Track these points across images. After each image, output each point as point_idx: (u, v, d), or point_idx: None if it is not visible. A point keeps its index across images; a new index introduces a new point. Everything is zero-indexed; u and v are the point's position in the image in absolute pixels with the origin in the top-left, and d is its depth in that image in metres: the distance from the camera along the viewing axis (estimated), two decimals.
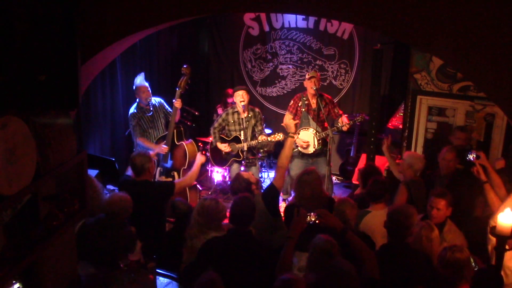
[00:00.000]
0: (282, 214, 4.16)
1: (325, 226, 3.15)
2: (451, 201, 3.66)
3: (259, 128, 5.80)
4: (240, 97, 5.60)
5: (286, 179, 6.14)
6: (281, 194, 6.28)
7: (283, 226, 4.06)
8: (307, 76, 5.68)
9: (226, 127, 5.89)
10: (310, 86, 5.57)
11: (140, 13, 3.31)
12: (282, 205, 6.25)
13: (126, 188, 4.05)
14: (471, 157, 4.24)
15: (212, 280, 2.72)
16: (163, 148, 5.49)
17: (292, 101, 5.87)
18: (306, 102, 5.72)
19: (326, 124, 5.65)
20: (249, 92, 5.83)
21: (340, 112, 5.76)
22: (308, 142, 5.67)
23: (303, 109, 5.73)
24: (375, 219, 3.77)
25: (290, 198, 6.32)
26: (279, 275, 2.74)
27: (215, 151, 6.00)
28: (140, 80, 5.63)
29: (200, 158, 4.84)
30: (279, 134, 5.46)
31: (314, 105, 5.68)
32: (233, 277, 3.13)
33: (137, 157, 4.20)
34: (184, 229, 3.77)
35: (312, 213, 3.10)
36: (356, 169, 6.10)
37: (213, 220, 3.58)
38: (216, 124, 5.90)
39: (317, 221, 3.06)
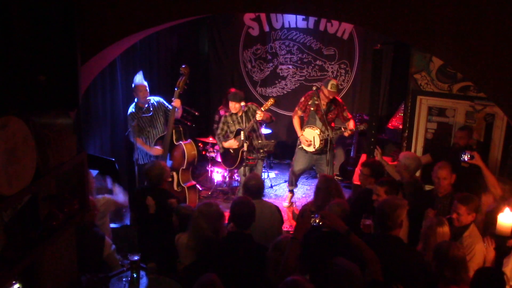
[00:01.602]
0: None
1: (329, 228, 3.16)
2: (475, 207, 3.57)
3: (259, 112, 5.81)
4: (232, 106, 5.65)
5: (290, 172, 6.18)
6: (287, 185, 6.33)
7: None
8: (329, 87, 5.53)
9: (228, 130, 5.92)
10: (327, 95, 5.55)
11: (140, 13, 3.31)
12: (288, 196, 6.29)
13: (140, 195, 4.15)
14: (465, 157, 4.25)
15: (212, 281, 2.72)
16: (158, 150, 5.51)
17: (303, 98, 5.92)
18: (317, 102, 5.73)
19: (333, 124, 5.68)
20: (241, 100, 5.77)
21: (349, 116, 5.78)
22: (311, 140, 5.70)
23: (312, 108, 5.76)
24: None
25: (295, 189, 6.36)
26: (283, 276, 2.73)
27: (225, 154, 6.02)
28: (139, 79, 5.64)
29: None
30: (270, 100, 5.54)
31: (323, 106, 5.70)
32: (233, 279, 3.13)
33: (152, 168, 4.27)
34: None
35: (316, 215, 3.10)
36: (357, 169, 6.10)
37: (213, 223, 3.59)
38: (219, 131, 5.94)
39: (321, 223, 3.07)
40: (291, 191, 6.33)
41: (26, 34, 2.27)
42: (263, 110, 5.56)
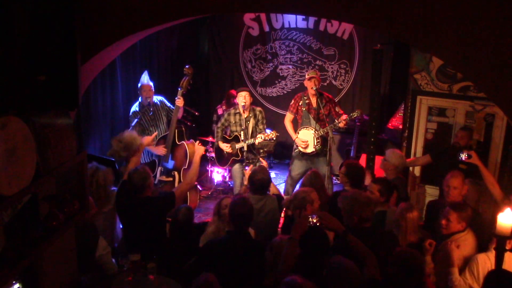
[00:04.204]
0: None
1: (326, 228, 3.17)
2: (467, 216, 3.50)
3: (260, 127, 5.80)
4: (242, 98, 5.61)
5: (287, 180, 6.15)
6: (283, 193, 6.32)
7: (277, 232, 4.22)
8: (307, 76, 5.71)
9: (228, 127, 5.92)
10: (310, 86, 5.59)
11: (140, 13, 3.32)
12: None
13: (125, 206, 3.94)
14: (462, 156, 4.24)
15: (208, 281, 2.72)
16: (162, 150, 5.51)
17: (293, 101, 5.90)
18: (307, 101, 5.74)
19: (326, 124, 5.66)
20: (252, 94, 5.85)
21: (341, 111, 5.76)
22: (307, 141, 5.68)
23: (304, 109, 5.75)
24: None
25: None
26: (282, 276, 2.74)
27: (218, 151, 6.02)
28: (146, 79, 5.68)
29: (198, 150, 4.57)
30: (272, 132, 5.49)
31: (314, 104, 5.70)
32: (232, 278, 3.13)
33: (135, 174, 3.90)
34: (183, 237, 3.88)
35: (314, 215, 3.11)
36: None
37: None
38: (219, 124, 5.93)
39: (318, 224, 3.08)
40: None
41: (26, 34, 2.27)
42: (263, 138, 5.53)
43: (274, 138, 5.55)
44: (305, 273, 2.71)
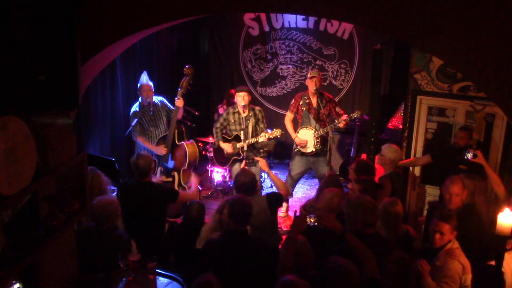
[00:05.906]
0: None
1: (325, 228, 3.17)
2: (456, 225, 3.44)
3: (261, 126, 5.79)
4: (241, 98, 5.60)
5: (287, 180, 6.14)
6: None
7: (277, 230, 4.24)
8: (308, 75, 5.71)
9: (227, 127, 5.91)
10: (311, 86, 5.60)
11: (140, 13, 3.31)
12: (284, 206, 6.25)
13: (127, 188, 4.06)
14: (468, 155, 4.24)
15: (209, 281, 2.72)
16: (162, 150, 5.51)
17: (293, 100, 5.91)
18: (307, 101, 5.74)
19: (327, 124, 5.67)
20: (250, 93, 5.84)
21: (341, 111, 5.77)
22: (306, 141, 5.67)
23: (304, 108, 5.75)
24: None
25: (290, 199, 6.32)
26: (280, 276, 2.74)
27: (218, 151, 6.01)
28: (146, 79, 5.67)
29: (195, 182, 4.80)
30: (276, 130, 5.48)
31: (314, 104, 5.70)
32: (232, 278, 3.13)
33: (141, 159, 4.14)
34: (192, 233, 3.85)
35: (312, 215, 3.11)
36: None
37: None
38: (218, 124, 5.91)
39: (316, 223, 3.08)
40: (286, 201, 6.22)
41: (27, 34, 2.27)
42: (266, 137, 5.51)
43: (279, 136, 5.54)
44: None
